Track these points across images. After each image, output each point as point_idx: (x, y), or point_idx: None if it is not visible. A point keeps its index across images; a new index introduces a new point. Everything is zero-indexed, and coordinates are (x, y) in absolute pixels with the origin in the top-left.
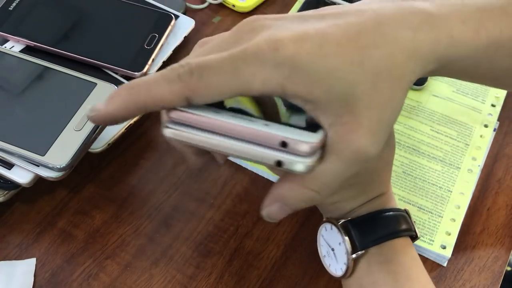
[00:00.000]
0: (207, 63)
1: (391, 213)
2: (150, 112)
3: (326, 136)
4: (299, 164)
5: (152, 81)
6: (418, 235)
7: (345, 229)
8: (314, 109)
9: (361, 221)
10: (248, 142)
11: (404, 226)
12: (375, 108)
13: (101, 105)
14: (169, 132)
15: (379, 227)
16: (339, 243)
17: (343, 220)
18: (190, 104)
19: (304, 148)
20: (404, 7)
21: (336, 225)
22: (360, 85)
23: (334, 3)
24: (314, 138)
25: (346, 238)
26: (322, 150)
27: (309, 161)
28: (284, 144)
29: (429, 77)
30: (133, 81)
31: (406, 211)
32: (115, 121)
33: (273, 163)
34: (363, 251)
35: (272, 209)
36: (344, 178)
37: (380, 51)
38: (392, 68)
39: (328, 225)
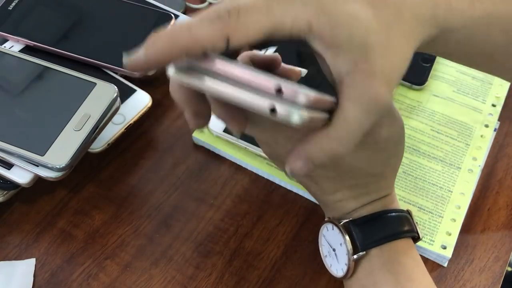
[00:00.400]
0: (244, 3)
1: (393, 214)
2: (190, 55)
3: (333, 101)
4: (294, 115)
5: (193, 23)
6: (421, 236)
7: (347, 229)
8: (334, 55)
9: (363, 222)
10: (244, 86)
11: (406, 227)
12: (387, 59)
13: (140, 50)
14: (172, 71)
15: (381, 228)
16: (340, 244)
17: (344, 220)
18: (229, 45)
19: (301, 97)
20: None
21: (337, 226)
22: (375, 34)
23: None
24: (313, 93)
25: (347, 238)
26: (330, 115)
27: (305, 113)
28: (279, 90)
29: (429, 77)
30: (172, 26)
31: (408, 212)
32: (154, 66)
33: (268, 111)
34: (364, 252)
35: (296, 164)
36: (364, 128)
37: (391, 7)
38: (401, 23)
39: (329, 225)
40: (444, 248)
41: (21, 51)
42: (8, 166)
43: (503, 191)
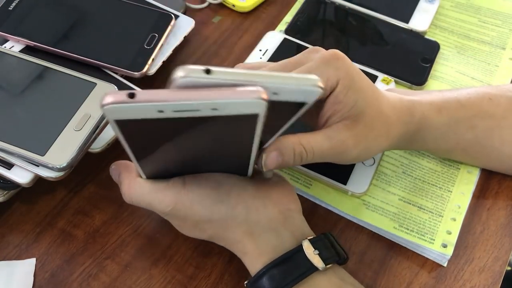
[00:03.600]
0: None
1: (278, 263)
2: None
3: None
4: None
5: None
6: (321, 266)
7: None
8: (339, 110)
9: (254, 281)
10: None
11: (292, 274)
12: (368, 133)
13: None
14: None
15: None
16: None
17: (245, 282)
18: None
19: None
20: (401, 97)
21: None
22: (369, 112)
23: (334, 3)
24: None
25: None
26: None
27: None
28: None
29: (429, 77)
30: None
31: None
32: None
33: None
34: None
35: (269, 156)
36: (323, 155)
37: (384, 103)
38: (386, 118)
39: None
40: (445, 246)
41: (21, 51)
42: (8, 166)
43: (503, 191)
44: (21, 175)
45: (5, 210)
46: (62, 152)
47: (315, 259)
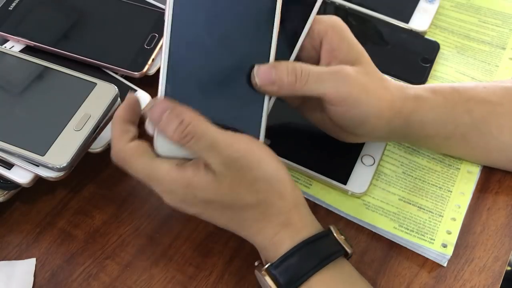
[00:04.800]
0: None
1: (308, 243)
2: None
3: None
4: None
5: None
6: (349, 252)
7: (270, 274)
8: (336, 56)
9: (280, 262)
10: None
11: (325, 253)
12: (366, 77)
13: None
14: None
15: (301, 263)
16: None
17: (265, 267)
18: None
19: None
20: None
21: (260, 272)
22: (365, 62)
23: (334, 3)
24: None
25: (271, 284)
26: None
27: None
28: None
29: (429, 77)
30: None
31: (327, 231)
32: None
33: None
34: None
35: (262, 67)
36: (320, 77)
37: (383, 79)
38: (382, 78)
39: (256, 272)
40: (445, 246)
41: (21, 51)
42: (9, 166)
43: (502, 191)
44: (21, 175)
45: (5, 210)
46: (62, 152)
47: (345, 244)
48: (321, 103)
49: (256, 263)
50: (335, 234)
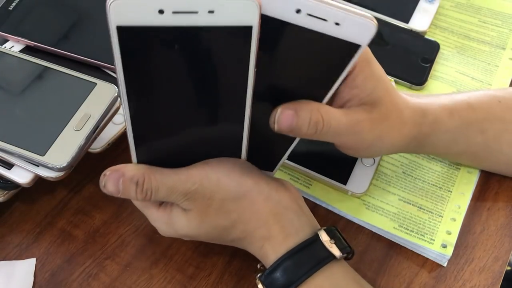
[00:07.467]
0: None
1: (296, 252)
2: None
3: None
4: None
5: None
6: (339, 255)
7: (263, 282)
8: (357, 95)
9: (269, 272)
10: None
11: (293, 275)
12: (383, 121)
13: None
14: None
15: (289, 273)
16: None
17: (257, 276)
18: None
19: None
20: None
21: (257, 283)
22: (385, 102)
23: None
24: None
25: None
26: None
27: None
28: None
29: (429, 77)
30: None
31: (316, 235)
32: None
33: None
34: None
35: (284, 112)
36: (338, 131)
37: (398, 98)
38: (400, 113)
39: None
40: (445, 247)
41: (21, 51)
42: (9, 166)
43: (502, 191)
44: (21, 175)
45: (5, 210)
46: (62, 152)
47: (333, 248)
48: None
49: (258, 266)
50: (322, 239)
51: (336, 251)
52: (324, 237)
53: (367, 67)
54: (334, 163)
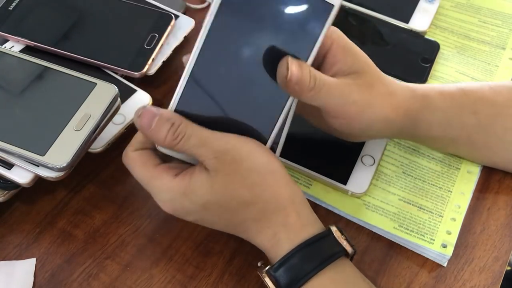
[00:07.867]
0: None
1: (309, 244)
2: None
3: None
4: None
5: None
6: (350, 252)
7: (270, 276)
8: (340, 69)
9: (279, 265)
10: None
11: (324, 255)
12: (371, 89)
13: None
14: None
15: (301, 265)
16: None
17: (264, 270)
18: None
19: None
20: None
21: (261, 275)
22: (369, 72)
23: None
24: None
25: (272, 286)
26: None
27: None
28: None
29: (429, 77)
30: None
31: (327, 231)
32: None
33: None
34: None
35: (294, 62)
36: (330, 91)
37: (383, 74)
38: (388, 84)
39: (260, 275)
40: (445, 246)
41: (21, 51)
42: (9, 166)
43: (503, 191)
44: (21, 175)
45: (5, 210)
46: (62, 152)
47: (344, 243)
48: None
49: (259, 264)
50: (335, 234)
51: (348, 247)
52: (335, 232)
53: (344, 44)
54: (334, 163)
